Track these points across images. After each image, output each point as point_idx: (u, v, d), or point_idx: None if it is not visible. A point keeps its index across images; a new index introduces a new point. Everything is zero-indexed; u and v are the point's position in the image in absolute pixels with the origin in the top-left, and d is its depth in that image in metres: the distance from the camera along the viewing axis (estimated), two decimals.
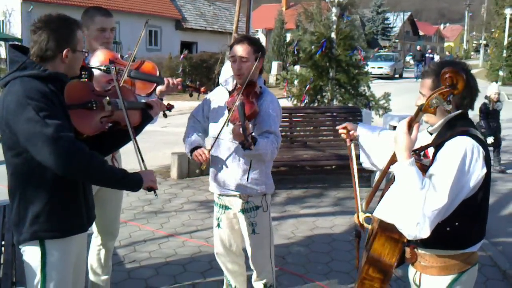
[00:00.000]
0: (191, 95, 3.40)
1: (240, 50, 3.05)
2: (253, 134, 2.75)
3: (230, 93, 3.17)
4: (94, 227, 3.50)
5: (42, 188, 2.30)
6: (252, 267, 3.32)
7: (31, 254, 2.36)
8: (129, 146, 2.65)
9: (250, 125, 2.85)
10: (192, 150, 3.11)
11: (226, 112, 3.09)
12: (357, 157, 2.75)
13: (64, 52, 2.33)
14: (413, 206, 1.98)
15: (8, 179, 2.38)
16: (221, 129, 3.03)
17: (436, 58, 30.28)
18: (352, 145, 2.73)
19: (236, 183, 3.11)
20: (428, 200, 1.97)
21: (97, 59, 3.06)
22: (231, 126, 2.95)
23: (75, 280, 2.61)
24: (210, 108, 3.25)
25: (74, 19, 2.49)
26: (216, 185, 3.22)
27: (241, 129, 2.63)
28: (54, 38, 2.30)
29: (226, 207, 3.27)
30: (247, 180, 3.10)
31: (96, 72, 2.92)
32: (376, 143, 2.65)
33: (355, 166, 2.65)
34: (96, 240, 3.55)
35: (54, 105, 2.23)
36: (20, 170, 2.30)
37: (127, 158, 3.44)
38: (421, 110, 2.04)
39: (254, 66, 3.06)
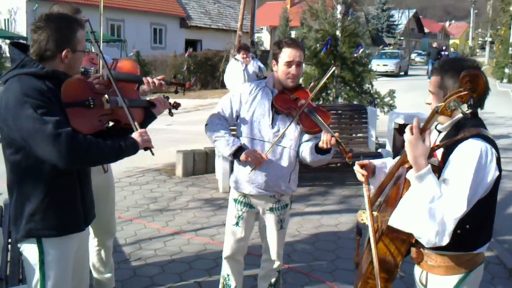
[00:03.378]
0: (176, 92, 3.32)
1: (298, 55, 3.05)
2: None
3: (272, 93, 3.15)
4: (90, 228, 3.48)
5: (38, 186, 2.30)
6: (274, 258, 3.35)
7: (29, 252, 2.36)
8: None
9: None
10: (235, 152, 3.07)
11: (270, 112, 3.10)
12: None
13: (64, 52, 2.31)
14: (432, 215, 1.95)
15: (7, 177, 2.39)
16: (281, 134, 3.05)
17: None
18: (367, 188, 2.51)
19: (278, 184, 3.15)
20: (448, 209, 1.95)
21: None
22: (281, 130, 3.06)
23: (79, 279, 2.61)
24: (243, 106, 3.16)
25: (76, 18, 2.48)
26: (250, 186, 3.17)
27: (335, 139, 2.80)
28: (54, 38, 2.29)
29: (251, 206, 3.26)
30: (289, 182, 3.19)
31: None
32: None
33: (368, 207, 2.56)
34: (94, 241, 3.53)
35: (51, 102, 2.22)
36: (17, 168, 2.30)
37: None
38: (437, 112, 1.98)
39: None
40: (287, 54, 3.06)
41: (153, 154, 2.59)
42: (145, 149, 2.50)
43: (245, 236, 3.32)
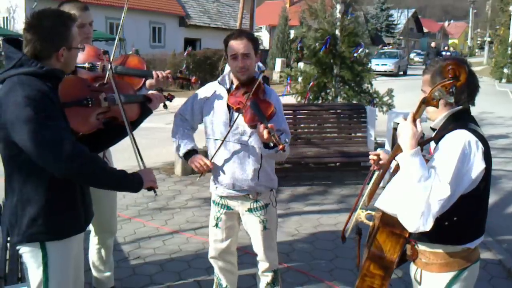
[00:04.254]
0: (182, 87, 3.35)
1: (241, 46, 2.95)
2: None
3: (229, 91, 3.08)
4: (91, 226, 3.48)
5: (39, 189, 2.24)
6: (262, 259, 3.28)
7: (32, 255, 2.33)
8: (128, 142, 2.61)
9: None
10: (186, 154, 3.09)
11: (227, 112, 3.03)
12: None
13: (60, 51, 2.25)
14: (418, 196, 1.97)
15: (5, 178, 2.32)
16: (228, 131, 2.97)
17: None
18: (376, 172, 2.61)
19: (246, 184, 3.06)
20: (433, 190, 1.97)
21: (79, 56, 2.85)
22: (240, 127, 2.96)
23: (75, 278, 2.60)
24: (204, 107, 3.13)
25: (69, 13, 2.40)
26: (220, 187, 3.15)
27: (268, 131, 2.62)
28: (49, 37, 2.22)
29: (228, 207, 3.21)
30: (258, 180, 3.07)
31: (80, 71, 2.81)
32: None
33: (368, 186, 2.57)
34: (94, 239, 3.54)
35: (54, 104, 2.17)
36: (17, 171, 2.24)
37: (125, 155, 3.41)
38: (424, 102, 2.06)
39: (255, 62, 3.03)
40: (230, 47, 2.98)
41: (156, 194, 2.56)
42: (149, 189, 2.47)
43: (226, 237, 3.27)
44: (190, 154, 3.10)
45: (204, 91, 3.19)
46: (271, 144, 2.77)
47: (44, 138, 2.08)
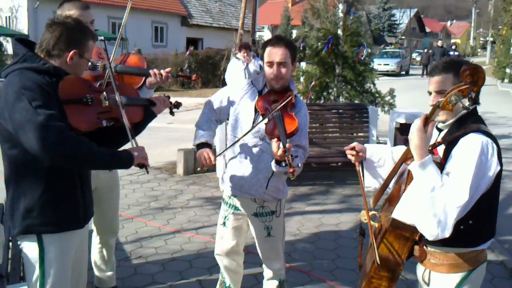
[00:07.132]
0: (182, 85, 3.31)
1: (278, 54, 2.87)
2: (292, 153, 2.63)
3: (260, 93, 3.02)
4: (93, 226, 3.49)
5: (37, 181, 2.27)
6: (266, 267, 3.26)
7: (29, 249, 2.35)
8: (129, 143, 2.60)
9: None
10: (199, 145, 2.99)
11: (253, 113, 2.97)
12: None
13: (71, 53, 2.32)
14: (433, 204, 1.96)
15: (4, 171, 2.35)
16: (246, 133, 2.89)
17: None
18: (360, 167, 2.60)
19: (254, 189, 3.02)
20: (450, 198, 1.96)
21: None
22: (261, 132, 2.89)
23: (77, 276, 2.60)
24: (232, 102, 3.07)
25: (92, 30, 2.51)
26: (230, 187, 3.11)
27: (283, 150, 2.57)
28: (66, 37, 2.31)
29: (236, 208, 3.17)
30: (266, 188, 3.02)
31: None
32: (388, 154, 2.57)
33: (365, 187, 2.55)
34: (96, 239, 3.54)
35: (50, 96, 2.20)
36: (14, 163, 2.28)
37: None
38: (439, 107, 2.01)
39: (291, 71, 2.95)
40: (267, 54, 2.92)
41: (147, 172, 2.55)
42: (140, 166, 2.45)
43: (233, 238, 3.23)
44: (202, 146, 2.98)
45: (237, 87, 3.12)
46: (283, 164, 2.71)
47: (33, 123, 2.09)
